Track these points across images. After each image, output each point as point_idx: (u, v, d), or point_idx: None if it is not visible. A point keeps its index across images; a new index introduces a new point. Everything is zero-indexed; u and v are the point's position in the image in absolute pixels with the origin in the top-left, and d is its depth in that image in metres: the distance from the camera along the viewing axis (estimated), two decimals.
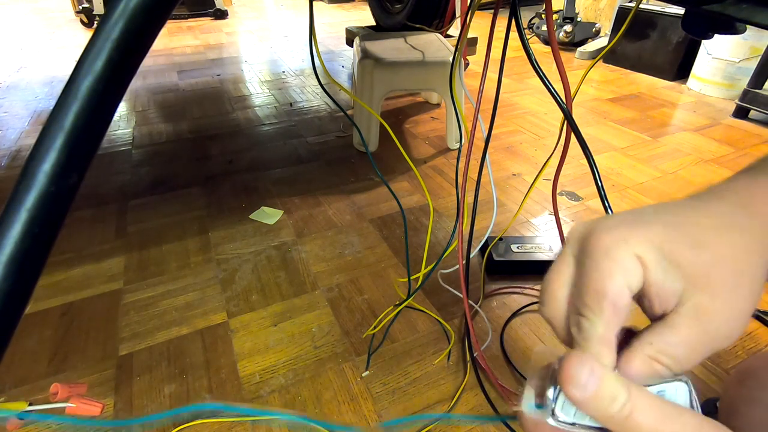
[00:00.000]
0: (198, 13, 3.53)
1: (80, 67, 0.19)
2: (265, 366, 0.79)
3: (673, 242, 0.21)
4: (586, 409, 0.20)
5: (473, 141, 0.78)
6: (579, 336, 0.21)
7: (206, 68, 2.37)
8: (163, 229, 1.14)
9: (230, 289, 0.95)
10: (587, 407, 0.19)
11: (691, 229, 0.22)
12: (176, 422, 0.70)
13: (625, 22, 0.67)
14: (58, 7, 3.94)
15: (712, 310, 0.20)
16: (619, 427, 0.19)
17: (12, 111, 1.85)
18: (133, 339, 0.84)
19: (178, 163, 1.46)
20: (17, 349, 0.82)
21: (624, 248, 0.21)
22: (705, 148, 1.53)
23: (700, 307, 0.21)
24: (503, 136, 1.61)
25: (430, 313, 0.89)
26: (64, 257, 1.03)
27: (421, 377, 0.77)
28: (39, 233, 0.19)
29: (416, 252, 1.06)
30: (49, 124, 0.19)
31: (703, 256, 0.21)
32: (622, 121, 1.75)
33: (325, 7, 4.01)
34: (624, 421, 0.19)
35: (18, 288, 0.18)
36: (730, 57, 1.85)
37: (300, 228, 1.14)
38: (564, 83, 0.54)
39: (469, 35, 1.91)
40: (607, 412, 0.19)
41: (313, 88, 2.07)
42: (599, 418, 0.19)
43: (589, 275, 0.21)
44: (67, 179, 0.19)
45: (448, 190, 1.30)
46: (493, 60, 0.61)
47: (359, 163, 1.44)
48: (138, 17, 0.20)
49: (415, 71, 1.40)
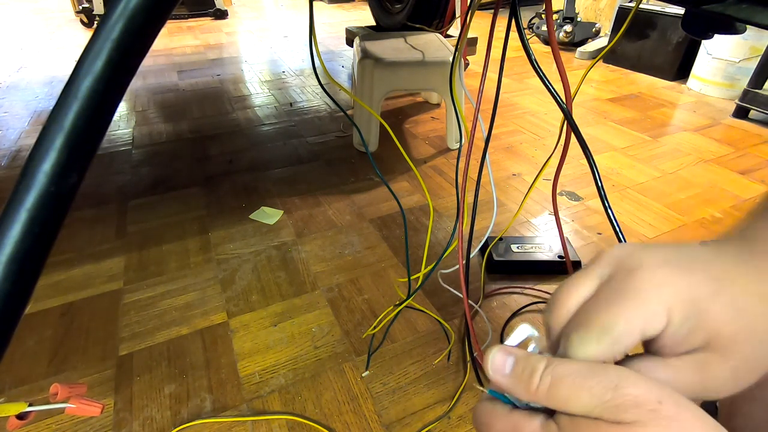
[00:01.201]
0: (198, 13, 3.53)
1: (80, 67, 0.19)
2: (265, 366, 0.79)
3: (712, 302, 0.20)
4: (513, 391, 0.20)
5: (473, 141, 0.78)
6: (564, 346, 0.21)
7: (206, 68, 2.37)
8: (163, 229, 1.14)
9: (230, 289, 0.95)
10: (513, 389, 0.20)
11: (737, 290, 0.20)
12: (176, 422, 0.70)
13: (625, 22, 0.67)
14: (58, 7, 3.94)
15: (719, 370, 0.20)
16: (550, 400, 0.19)
17: (12, 111, 1.85)
18: (133, 339, 0.84)
19: (178, 163, 1.46)
20: (17, 349, 0.82)
21: (656, 295, 0.20)
22: (705, 148, 1.53)
23: (709, 363, 0.20)
24: (503, 136, 1.61)
25: (430, 313, 0.89)
26: (64, 257, 1.03)
27: (421, 377, 0.77)
28: (39, 233, 0.19)
29: (416, 252, 1.06)
30: (49, 124, 0.19)
31: (737, 323, 0.20)
32: (622, 121, 1.75)
33: (325, 7, 4.01)
34: (550, 392, 0.19)
35: (18, 288, 0.18)
36: (730, 57, 1.85)
37: (300, 228, 1.14)
38: (564, 83, 0.54)
39: (469, 35, 1.91)
40: (531, 388, 0.20)
41: (313, 88, 2.07)
42: (529, 397, 0.20)
43: (609, 303, 0.20)
44: (67, 179, 0.19)
45: (448, 190, 1.30)
46: (493, 60, 0.61)
47: (359, 163, 1.44)
48: (138, 17, 0.19)
49: (415, 71, 1.40)
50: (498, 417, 0.21)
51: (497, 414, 0.21)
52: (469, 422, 0.70)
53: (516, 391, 0.20)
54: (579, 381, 0.18)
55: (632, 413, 0.17)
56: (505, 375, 0.21)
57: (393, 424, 0.70)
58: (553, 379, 0.19)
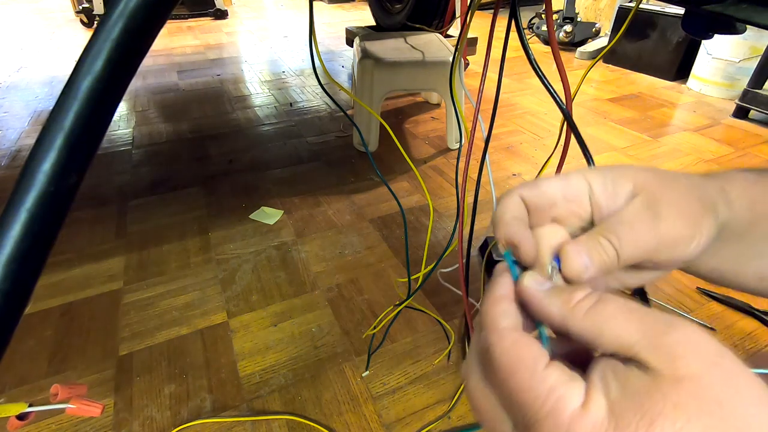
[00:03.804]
0: (198, 13, 3.53)
1: (80, 67, 0.19)
2: (265, 366, 0.79)
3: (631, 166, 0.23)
4: (545, 302, 0.19)
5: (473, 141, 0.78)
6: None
7: (206, 68, 2.37)
8: (163, 229, 1.14)
9: (230, 289, 0.95)
10: (546, 299, 0.19)
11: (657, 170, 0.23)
12: (176, 422, 0.70)
13: (625, 22, 0.67)
14: (58, 7, 3.94)
15: (662, 199, 0.21)
16: (586, 320, 0.18)
17: (12, 111, 1.85)
18: (133, 339, 0.84)
19: (178, 163, 1.46)
20: (17, 349, 0.82)
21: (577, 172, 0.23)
22: (705, 148, 1.53)
23: (651, 196, 0.21)
24: (503, 136, 1.61)
25: (430, 313, 0.89)
26: (64, 257, 1.03)
27: (421, 377, 0.77)
28: (39, 233, 0.19)
29: (416, 252, 1.06)
30: (49, 124, 0.19)
31: (656, 174, 0.22)
32: (622, 121, 1.75)
33: (325, 7, 4.01)
34: (592, 311, 0.18)
35: (18, 288, 0.18)
36: (730, 57, 1.85)
37: (300, 228, 1.14)
38: (564, 83, 0.54)
39: (469, 35, 1.91)
40: (571, 301, 0.19)
41: (313, 88, 2.07)
42: (562, 313, 0.19)
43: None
44: (67, 179, 0.19)
45: (448, 190, 1.30)
46: (493, 60, 0.61)
47: (359, 163, 1.44)
48: (138, 17, 0.20)
49: (415, 71, 1.40)
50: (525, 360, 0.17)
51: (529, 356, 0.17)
52: (469, 422, 0.70)
53: (549, 303, 0.19)
54: (628, 307, 0.17)
55: (690, 360, 0.15)
56: (543, 286, 0.19)
57: (393, 424, 0.70)
58: (599, 300, 0.18)
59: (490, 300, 0.20)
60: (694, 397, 0.15)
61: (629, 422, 0.15)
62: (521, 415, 0.17)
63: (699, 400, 0.14)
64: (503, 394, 0.18)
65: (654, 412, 0.14)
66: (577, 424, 0.15)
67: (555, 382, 0.16)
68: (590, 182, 0.22)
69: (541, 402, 0.16)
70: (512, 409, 0.17)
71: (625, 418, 0.15)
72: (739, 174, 0.25)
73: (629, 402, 0.15)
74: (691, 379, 0.15)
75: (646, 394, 0.15)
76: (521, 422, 0.17)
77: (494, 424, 0.19)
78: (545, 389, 0.16)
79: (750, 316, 0.87)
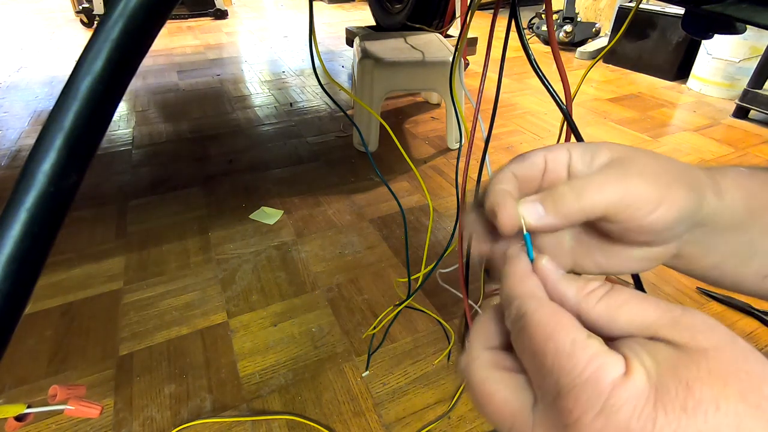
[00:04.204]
0: (198, 13, 3.53)
1: (80, 67, 0.19)
2: (265, 366, 0.79)
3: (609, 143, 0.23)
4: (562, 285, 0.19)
5: (473, 141, 0.78)
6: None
7: (206, 68, 2.37)
8: (163, 229, 1.14)
9: (230, 289, 0.95)
10: (564, 283, 0.19)
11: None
12: (176, 422, 0.70)
13: (625, 22, 0.67)
14: (58, 7, 3.94)
15: (635, 163, 0.21)
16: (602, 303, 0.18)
17: (12, 111, 1.85)
18: (133, 339, 0.84)
19: (178, 163, 1.46)
20: (17, 349, 0.82)
21: (559, 144, 0.23)
22: (705, 148, 1.53)
23: (624, 160, 0.21)
24: (503, 136, 1.61)
25: (430, 313, 0.89)
26: (64, 257, 1.03)
27: (421, 377, 0.77)
28: (39, 233, 0.19)
29: (416, 252, 1.06)
30: (49, 124, 0.19)
31: (636, 151, 0.22)
32: (622, 121, 1.75)
33: (325, 7, 4.01)
34: (609, 296, 0.18)
35: (18, 288, 0.18)
36: (730, 57, 1.85)
37: (300, 228, 1.14)
38: (564, 83, 0.54)
39: (469, 35, 1.91)
40: (587, 287, 0.18)
41: (313, 88, 2.07)
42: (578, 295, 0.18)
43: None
44: (66, 179, 0.19)
45: (448, 190, 1.30)
46: (493, 60, 0.61)
47: (359, 163, 1.44)
48: (138, 17, 0.19)
49: (415, 71, 1.40)
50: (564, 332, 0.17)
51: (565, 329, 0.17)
52: (469, 422, 0.70)
53: (565, 287, 0.19)
54: (641, 295, 0.17)
55: (710, 335, 0.16)
56: (559, 270, 0.19)
57: (393, 424, 0.70)
58: (613, 289, 0.18)
59: (520, 274, 0.20)
60: (724, 364, 0.15)
61: (668, 389, 0.15)
62: (555, 381, 0.16)
63: (730, 366, 0.15)
64: (536, 360, 0.17)
65: (690, 377, 0.15)
66: (618, 392, 0.15)
67: (597, 350, 0.16)
68: (570, 152, 0.23)
69: (582, 367, 0.16)
70: (545, 376, 0.17)
71: (664, 386, 0.15)
72: (732, 168, 0.25)
73: (664, 370, 0.15)
74: (717, 349, 0.15)
75: (680, 363, 0.15)
76: (553, 390, 0.16)
77: (508, 409, 0.18)
78: (587, 355, 0.16)
79: (750, 316, 0.87)
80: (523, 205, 0.20)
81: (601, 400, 0.15)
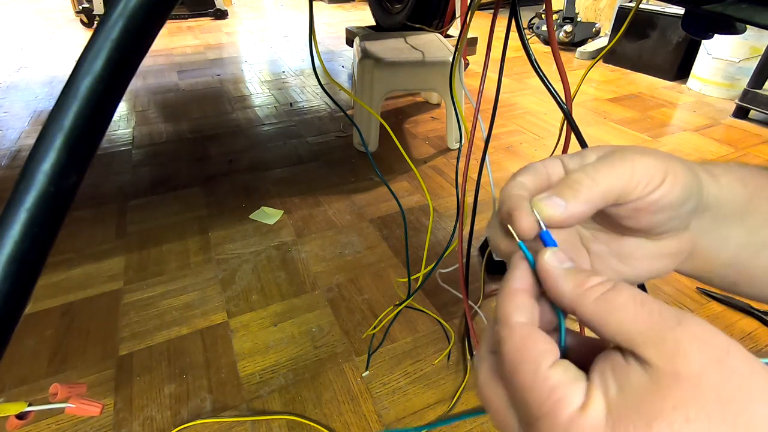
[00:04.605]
0: (198, 13, 3.53)
1: (80, 67, 0.19)
2: (265, 366, 0.79)
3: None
4: (560, 280, 0.19)
5: (473, 141, 0.78)
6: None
7: (206, 68, 2.37)
8: (163, 229, 1.14)
9: (230, 289, 0.95)
10: (561, 279, 0.19)
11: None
12: (176, 422, 0.70)
13: (625, 22, 0.67)
14: (58, 7, 3.94)
15: (629, 150, 0.21)
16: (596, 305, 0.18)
17: (12, 111, 1.85)
18: (133, 339, 0.84)
19: (178, 163, 1.46)
20: (17, 349, 0.82)
21: (550, 158, 0.24)
22: (705, 148, 1.53)
23: (614, 149, 0.21)
24: (503, 136, 1.61)
25: (430, 313, 0.89)
26: (64, 257, 1.03)
27: (421, 377, 0.77)
28: (39, 233, 0.19)
29: (416, 252, 1.06)
30: (49, 124, 0.19)
31: (621, 147, 0.22)
32: (622, 121, 1.75)
33: (325, 7, 4.01)
34: (603, 298, 0.18)
35: (18, 288, 0.18)
36: (730, 57, 1.85)
37: (300, 228, 1.14)
38: (564, 83, 0.54)
39: (469, 35, 1.91)
40: (586, 284, 0.18)
41: (313, 88, 2.07)
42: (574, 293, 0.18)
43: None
44: (66, 179, 0.19)
45: (448, 190, 1.30)
46: (493, 60, 0.61)
47: (359, 163, 1.44)
48: (138, 17, 0.19)
49: (415, 71, 1.40)
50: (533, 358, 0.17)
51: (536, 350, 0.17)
52: (469, 422, 0.70)
53: (563, 283, 0.18)
54: (641, 299, 0.17)
55: (693, 357, 0.15)
56: (563, 264, 0.19)
57: (393, 424, 0.70)
58: (613, 288, 0.17)
59: (505, 293, 0.20)
60: (694, 398, 0.14)
61: (627, 425, 0.14)
62: (524, 412, 0.17)
63: (699, 400, 0.14)
64: (509, 389, 0.18)
65: (652, 413, 0.14)
66: (575, 426, 0.15)
67: (557, 382, 0.16)
68: (562, 159, 0.23)
69: (542, 401, 0.16)
70: (517, 405, 0.18)
71: (622, 420, 0.15)
72: (723, 163, 0.25)
73: (627, 402, 0.15)
74: (690, 378, 0.14)
75: (645, 393, 0.15)
76: (524, 419, 0.17)
77: (501, 417, 0.19)
78: (547, 389, 0.16)
79: (750, 316, 0.87)
80: (542, 202, 0.20)
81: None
